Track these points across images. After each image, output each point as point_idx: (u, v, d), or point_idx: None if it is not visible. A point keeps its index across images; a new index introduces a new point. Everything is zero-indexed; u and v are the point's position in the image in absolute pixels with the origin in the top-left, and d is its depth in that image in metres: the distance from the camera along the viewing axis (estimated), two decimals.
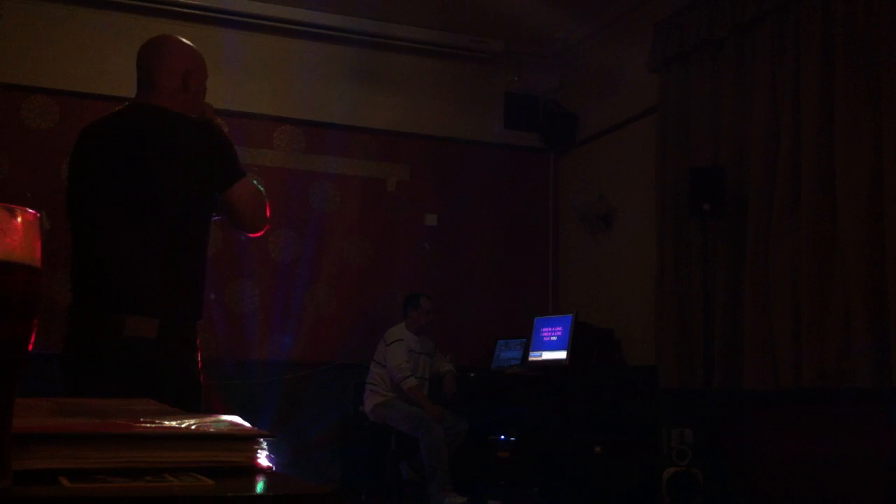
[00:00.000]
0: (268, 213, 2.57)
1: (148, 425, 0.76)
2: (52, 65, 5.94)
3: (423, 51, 6.82)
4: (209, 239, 2.51)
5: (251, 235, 2.61)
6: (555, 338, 5.98)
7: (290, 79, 6.51)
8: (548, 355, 5.99)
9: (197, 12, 6.18)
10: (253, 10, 6.30)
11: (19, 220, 0.62)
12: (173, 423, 0.77)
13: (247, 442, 0.75)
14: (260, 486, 0.70)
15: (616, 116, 6.47)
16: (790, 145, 4.70)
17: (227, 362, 5.98)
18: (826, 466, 4.48)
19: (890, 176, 4.14)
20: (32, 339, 0.63)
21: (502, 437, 5.86)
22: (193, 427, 0.76)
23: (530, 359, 6.14)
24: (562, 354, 5.84)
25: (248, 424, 0.81)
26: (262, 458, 0.75)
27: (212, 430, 0.77)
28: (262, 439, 0.76)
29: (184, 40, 2.62)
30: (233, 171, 2.46)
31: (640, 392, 5.60)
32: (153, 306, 2.32)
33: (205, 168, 2.42)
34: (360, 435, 6.10)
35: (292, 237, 6.46)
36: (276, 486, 0.70)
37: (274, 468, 0.75)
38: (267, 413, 5.89)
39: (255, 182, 2.54)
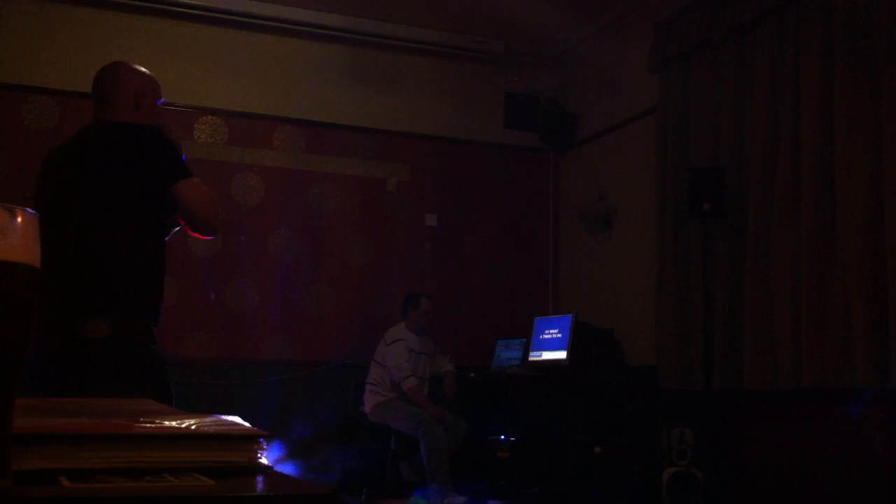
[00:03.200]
0: (220, 217, 2.67)
1: (148, 425, 0.76)
2: (52, 65, 5.94)
3: (423, 51, 6.81)
4: (164, 240, 2.62)
5: (203, 238, 2.75)
6: (555, 338, 5.98)
7: (290, 79, 6.51)
8: (548, 355, 5.99)
9: (197, 12, 6.18)
10: (253, 10, 6.30)
11: (19, 220, 0.62)
12: (173, 423, 0.77)
13: (247, 442, 0.75)
14: (260, 486, 0.70)
15: (616, 116, 6.47)
16: (790, 145, 4.70)
17: (227, 362, 5.99)
18: (826, 466, 4.48)
19: (890, 176, 4.14)
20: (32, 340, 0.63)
21: (502, 437, 5.86)
22: (193, 427, 0.76)
23: (530, 359, 6.14)
24: (562, 354, 5.84)
25: (248, 424, 0.81)
26: (262, 458, 0.75)
27: (212, 430, 0.76)
28: (262, 439, 0.76)
29: (136, 66, 2.76)
30: (176, 169, 2.56)
31: (640, 392, 5.59)
32: (103, 308, 2.45)
33: (147, 168, 2.54)
34: (360, 435, 6.10)
35: (292, 237, 6.45)
36: (276, 486, 0.70)
37: (274, 468, 0.75)
38: (267, 413, 5.89)
39: (203, 185, 2.65)
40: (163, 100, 2.78)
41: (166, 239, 2.64)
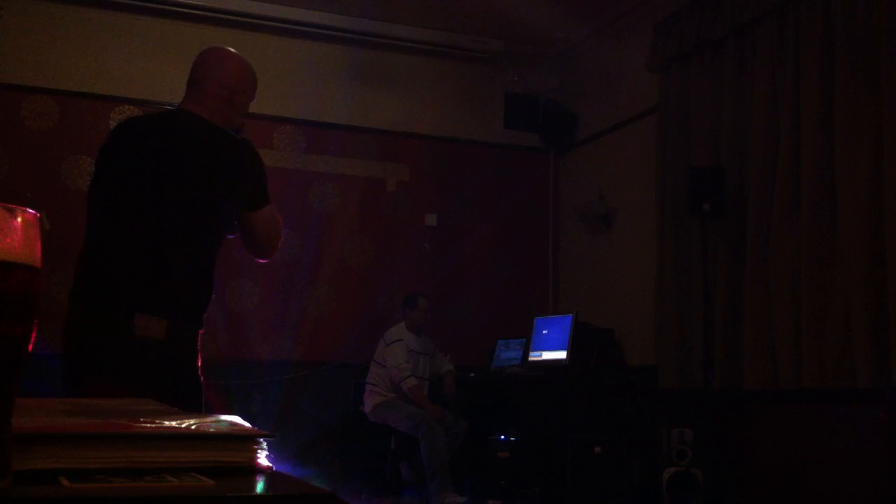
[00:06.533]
0: (279, 244, 2.59)
1: (148, 425, 0.76)
2: (52, 65, 5.94)
3: (423, 51, 6.82)
4: (218, 252, 2.51)
5: (259, 260, 2.63)
6: (555, 338, 5.98)
7: (290, 79, 6.51)
8: (548, 355, 5.99)
9: (197, 12, 6.18)
10: (253, 10, 6.30)
11: (19, 220, 0.62)
12: (173, 423, 0.77)
13: (247, 442, 0.75)
14: (260, 486, 0.70)
15: (616, 116, 6.47)
16: (790, 145, 4.70)
17: (227, 362, 5.98)
18: (826, 466, 4.47)
19: (890, 176, 4.14)
20: (32, 339, 0.63)
21: (502, 437, 5.86)
22: (193, 427, 0.76)
23: (530, 359, 6.14)
24: (562, 354, 5.84)
25: (248, 424, 0.81)
26: (262, 458, 0.75)
27: (212, 430, 0.76)
28: (262, 439, 0.76)
29: (240, 57, 2.62)
30: (260, 196, 2.47)
31: (640, 392, 5.60)
32: (162, 307, 2.31)
33: (231, 184, 2.41)
34: (360, 435, 6.09)
35: (292, 237, 6.45)
36: (276, 486, 0.70)
37: (274, 468, 0.75)
38: (267, 413, 5.89)
39: (276, 213, 2.54)
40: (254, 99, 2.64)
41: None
